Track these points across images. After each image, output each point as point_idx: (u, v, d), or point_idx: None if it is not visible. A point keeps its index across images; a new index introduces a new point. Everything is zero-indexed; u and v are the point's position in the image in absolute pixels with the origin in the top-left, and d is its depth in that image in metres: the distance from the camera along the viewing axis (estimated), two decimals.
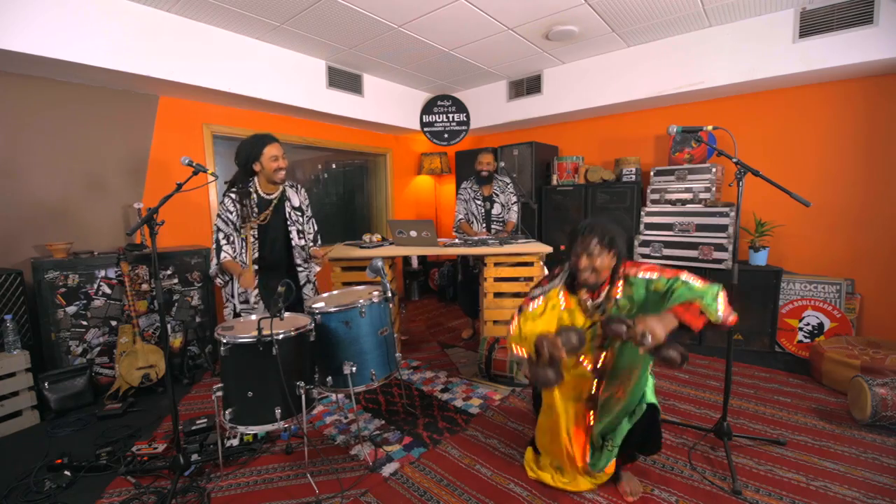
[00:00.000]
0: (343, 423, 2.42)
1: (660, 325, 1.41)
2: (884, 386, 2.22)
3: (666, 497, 1.74)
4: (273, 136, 2.41)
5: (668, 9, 3.06)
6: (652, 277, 1.65)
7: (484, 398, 2.66)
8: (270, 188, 2.45)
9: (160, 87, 3.21)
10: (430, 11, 3.05)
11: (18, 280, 2.58)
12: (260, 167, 2.36)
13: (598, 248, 1.64)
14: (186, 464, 1.85)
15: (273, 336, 1.81)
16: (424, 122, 5.06)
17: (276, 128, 4.09)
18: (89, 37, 2.64)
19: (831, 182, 3.30)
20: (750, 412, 2.43)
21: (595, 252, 1.64)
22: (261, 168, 2.37)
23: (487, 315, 3.06)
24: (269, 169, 2.35)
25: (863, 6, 2.81)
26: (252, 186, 2.41)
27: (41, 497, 1.81)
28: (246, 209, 2.35)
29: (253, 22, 3.16)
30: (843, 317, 3.11)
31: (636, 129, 4.23)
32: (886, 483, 1.80)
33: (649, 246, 3.72)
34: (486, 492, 1.81)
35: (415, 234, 3.09)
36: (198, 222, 3.67)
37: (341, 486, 1.84)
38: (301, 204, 2.58)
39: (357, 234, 3.74)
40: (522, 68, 4.32)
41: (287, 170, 2.43)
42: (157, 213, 1.77)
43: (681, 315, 1.45)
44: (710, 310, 1.47)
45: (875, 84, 3.11)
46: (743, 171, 1.89)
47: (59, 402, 2.55)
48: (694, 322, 1.45)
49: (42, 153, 2.87)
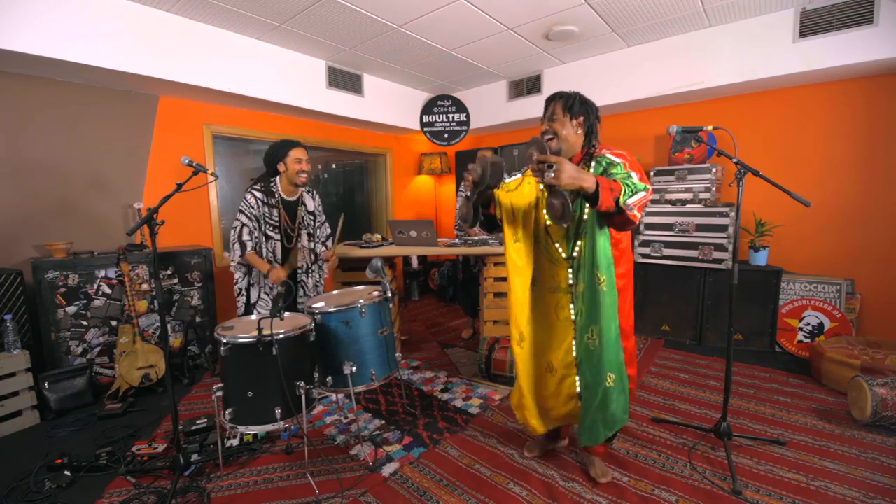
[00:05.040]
0: (343, 423, 2.42)
1: (573, 171, 1.37)
2: (884, 386, 2.22)
3: (666, 497, 1.74)
4: (301, 142, 2.56)
5: (668, 9, 3.06)
6: (614, 160, 1.62)
7: (484, 398, 2.66)
8: (291, 190, 2.57)
9: (160, 87, 3.21)
10: (430, 11, 3.05)
11: (18, 280, 2.58)
12: (284, 167, 2.49)
13: (560, 112, 1.67)
14: (186, 464, 1.85)
15: (273, 336, 1.82)
16: (424, 122, 5.06)
17: (276, 128, 4.10)
18: (89, 37, 2.64)
19: (831, 182, 3.30)
20: (750, 412, 2.43)
21: (557, 116, 1.67)
22: (285, 168, 2.49)
23: (487, 315, 3.06)
24: (292, 170, 2.48)
25: (863, 6, 2.81)
26: (274, 186, 2.52)
27: (41, 497, 1.81)
28: (268, 207, 2.47)
29: (253, 22, 3.16)
30: (843, 317, 3.11)
31: (636, 128, 4.23)
32: (886, 483, 1.80)
33: (649, 246, 3.72)
34: (486, 492, 1.81)
35: (415, 234, 3.09)
36: (198, 222, 3.67)
37: (341, 486, 1.84)
38: (315, 209, 2.71)
39: (357, 234, 3.73)
40: (522, 68, 4.32)
41: (309, 174, 2.54)
42: (157, 213, 1.77)
43: (601, 183, 1.40)
44: (624, 192, 1.44)
45: (875, 84, 3.11)
46: (743, 171, 1.89)
47: (59, 402, 2.55)
48: (605, 196, 1.40)
49: (42, 153, 2.87)
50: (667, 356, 3.33)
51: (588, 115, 1.68)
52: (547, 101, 1.74)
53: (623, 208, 1.43)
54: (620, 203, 1.42)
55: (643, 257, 3.75)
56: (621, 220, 1.50)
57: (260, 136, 4.02)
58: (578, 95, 1.70)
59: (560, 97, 1.70)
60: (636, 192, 1.47)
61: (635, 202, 1.46)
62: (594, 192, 1.39)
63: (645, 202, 1.50)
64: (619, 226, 1.58)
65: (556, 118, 1.69)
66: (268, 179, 2.53)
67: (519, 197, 1.82)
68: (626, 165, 1.58)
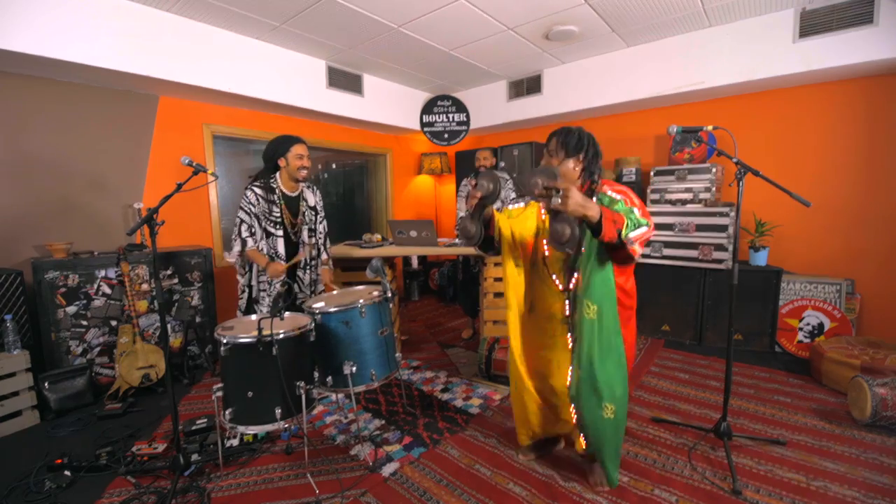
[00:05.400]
0: (343, 423, 2.42)
1: (580, 199, 1.37)
2: (884, 386, 2.22)
3: (666, 497, 1.74)
4: (302, 138, 2.55)
5: (668, 9, 3.06)
6: (614, 197, 1.62)
7: (484, 398, 2.66)
8: (292, 186, 2.56)
9: (160, 87, 3.21)
10: (430, 11, 3.05)
11: (18, 280, 2.58)
12: (285, 163, 2.48)
13: (558, 149, 1.68)
14: (186, 464, 1.85)
15: (273, 336, 1.81)
16: (424, 122, 5.06)
17: (276, 128, 4.09)
18: (89, 37, 2.65)
19: (831, 182, 3.30)
20: (750, 412, 2.43)
21: (556, 153, 1.69)
22: (285, 164, 2.48)
23: (487, 315, 3.06)
24: (293, 166, 2.48)
25: (863, 6, 2.81)
26: (275, 183, 2.51)
27: (41, 497, 1.81)
28: (269, 203, 2.46)
29: (253, 22, 3.16)
30: (843, 317, 3.11)
31: (636, 128, 4.23)
32: (886, 483, 1.80)
33: (650, 246, 3.71)
34: (486, 492, 1.81)
35: (415, 234, 3.09)
36: (198, 222, 3.67)
37: (341, 486, 1.84)
38: (316, 204, 2.71)
39: (357, 234, 3.74)
40: (522, 68, 4.32)
41: (309, 170, 2.54)
42: (157, 213, 1.77)
43: (605, 214, 1.41)
44: (627, 225, 1.45)
45: (875, 84, 3.11)
46: (743, 171, 1.89)
47: (59, 402, 2.55)
48: (608, 228, 1.41)
49: (42, 153, 2.87)
50: (667, 356, 3.33)
51: (586, 153, 1.68)
52: (549, 136, 1.75)
53: (624, 242, 1.45)
54: (622, 236, 1.43)
55: (643, 257, 3.75)
56: (621, 255, 1.52)
57: (260, 136, 4.02)
58: (579, 132, 1.70)
59: (559, 134, 1.71)
60: (638, 226, 1.48)
61: (637, 237, 1.47)
62: (598, 223, 1.40)
63: (646, 238, 1.51)
64: (620, 261, 1.59)
65: (554, 153, 1.70)
66: (267, 176, 2.52)
67: (520, 224, 1.83)
68: (626, 202, 1.59)
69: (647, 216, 1.55)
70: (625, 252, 1.49)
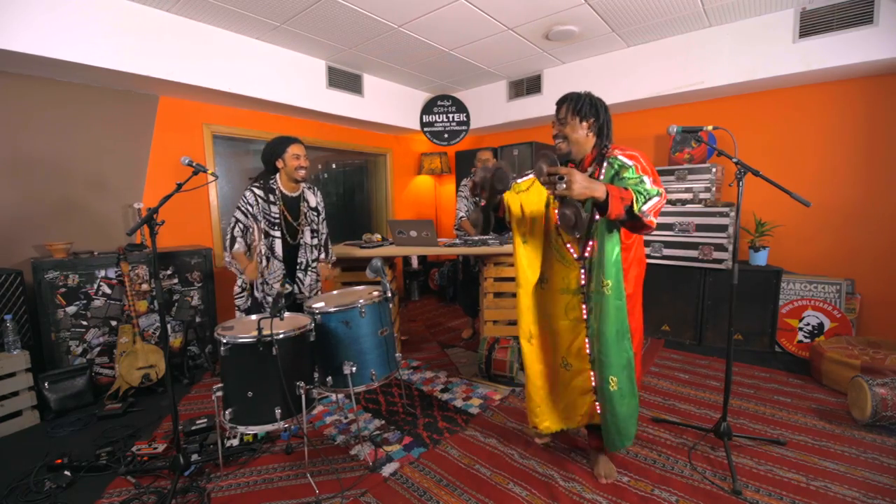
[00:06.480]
0: (343, 423, 2.42)
1: (584, 182, 1.35)
2: (884, 386, 2.22)
3: (666, 497, 1.74)
4: (298, 138, 2.56)
5: (668, 9, 3.06)
6: (626, 163, 1.59)
7: (484, 398, 2.66)
8: (292, 187, 2.57)
9: (160, 87, 3.21)
10: (430, 11, 3.05)
11: (18, 280, 2.57)
12: (282, 164, 2.49)
13: (568, 114, 1.66)
14: (186, 464, 1.85)
15: (273, 336, 1.82)
16: (424, 122, 5.06)
17: (276, 128, 4.09)
18: (89, 37, 2.64)
19: (831, 182, 3.30)
20: (750, 412, 2.43)
21: (566, 119, 1.67)
22: (283, 165, 2.49)
23: (487, 315, 3.06)
24: (290, 166, 2.48)
25: (863, 6, 2.81)
26: (275, 183, 2.52)
27: (41, 497, 1.81)
28: (267, 203, 2.47)
29: (253, 22, 3.16)
30: (843, 317, 3.11)
31: (636, 128, 4.23)
32: (886, 483, 1.80)
33: (649, 246, 3.71)
34: (486, 492, 1.81)
35: (415, 234, 3.09)
36: (198, 222, 3.67)
37: (341, 486, 1.84)
38: (318, 205, 2.72)
39: (357, 234, 3.74)
40: (522, 68, 4.32)
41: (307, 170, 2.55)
42: (157, 213, 1.77)
43: (611, 192, 1.39)
44: (636, 199, 1.42)
45: (875, 84, 3.11)
46: (743, 171, 1.89)
47: (59, 402, 2.55)
48: (615, 205, 1.39)
49: (42, 153, 2.87)
50: (667, 356, 3.33)
51: (598, 116, 1.67)
52: (557, 103, 1.73)
53: (639, 216, 1.42)
54: (635, 211, 1.41)
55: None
56: (634, 224, 1.50)
57: (260, 136, 4.02)
58: (588, 96, 1.69)
59: (569, 99, 1.69)
60: (650, 198, 1.45)
61: (650, 208, 1.44)
62: (604, 201, 1.39)
63: (660, 207, 1.48)
64: (633, 229, 1.57)
65: (565, 121, 1.68)
66: (267, 177, 2.53)
67: (530, 197, 1.83)
68: (637, 168, 1.56)
69: (658, 184, 1.53)
70: (640, 223, 1.47)
